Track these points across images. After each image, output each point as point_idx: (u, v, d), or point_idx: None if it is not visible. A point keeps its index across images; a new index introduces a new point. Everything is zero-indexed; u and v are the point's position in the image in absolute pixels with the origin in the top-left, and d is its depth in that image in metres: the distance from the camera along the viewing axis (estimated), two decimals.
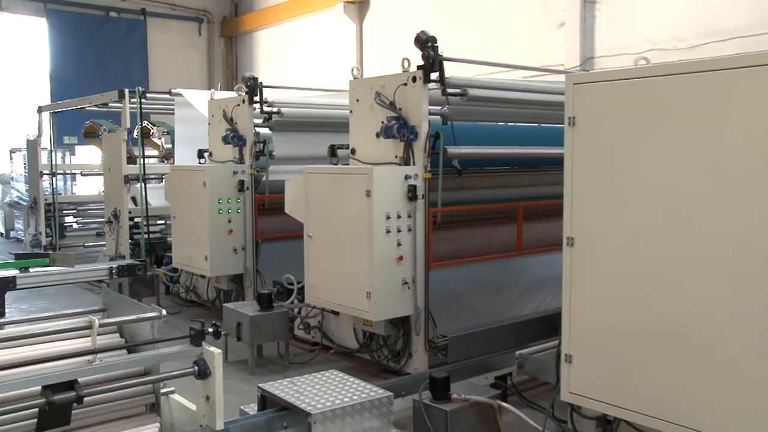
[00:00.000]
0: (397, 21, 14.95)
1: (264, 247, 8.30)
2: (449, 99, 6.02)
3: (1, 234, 17.60)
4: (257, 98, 8.06)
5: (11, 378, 3.39)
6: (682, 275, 3.53)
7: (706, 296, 3.44)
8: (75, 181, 16.75)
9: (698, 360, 3.48)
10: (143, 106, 10.34)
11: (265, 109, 8.08)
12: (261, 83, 8.09)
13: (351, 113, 6.46)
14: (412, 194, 5.85)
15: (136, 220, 10.20)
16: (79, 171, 15.23)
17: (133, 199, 10.30)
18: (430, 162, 5.95)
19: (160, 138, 11.81)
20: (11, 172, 16.91)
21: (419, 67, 5.89)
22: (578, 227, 3.99)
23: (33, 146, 13.22)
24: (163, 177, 9.77)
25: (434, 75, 5.89)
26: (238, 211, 8.12)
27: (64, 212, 13.43)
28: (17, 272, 6.10)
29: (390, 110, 6.01)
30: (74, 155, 17.52)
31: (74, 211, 13.76)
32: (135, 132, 10.47)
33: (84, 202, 13.91)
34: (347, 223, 5.94)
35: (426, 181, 5.95)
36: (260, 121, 8.26)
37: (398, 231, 5.82)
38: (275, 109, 8.09)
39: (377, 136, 6.06)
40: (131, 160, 10.18)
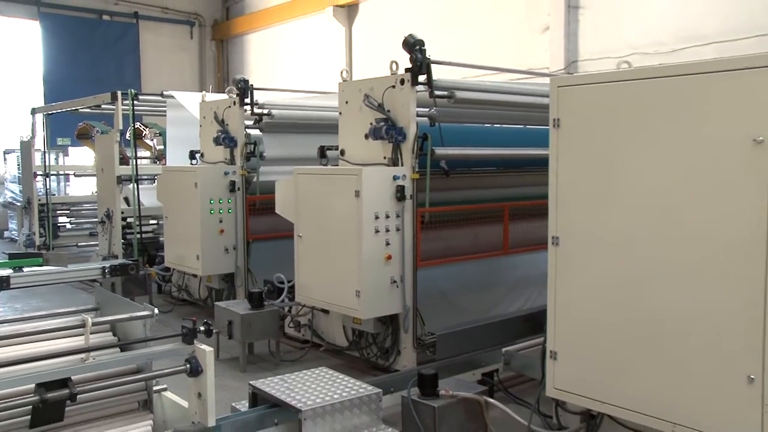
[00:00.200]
0: (386, 25, 14.94)
1: (255, 247, 8.28)
2: (437, 101, 6.02)
3: None
4: (248, 100, 8.05)
5: (5, 376, 3.36)
6: (664, 274, 3.54)
7: (688, 295, 3.46)
8: (68, 182, 16.67)
9: (679, 356, 3.50)
10: (135, 108, 10.31)
11: (256, 111, 8.07)
12: (252, 85, 8.08)
13: (340, 115, 6.45)
14: (401, 194, 5.85)
15: (129, 220, 10.16)
16: (73, 172, 15.16)
17: (126, 200, 10.25)
18: (418, 163, 5.95)
19: (153, 139, 11.78)
20: (5, 173, 16.81)
21: (407, 70, 5.89)
22: (563, 227, 4.00)
23: (27, 147, 13.13)
24: (156, 178, 9.73)
25: (422, 78, 5.89)
26: (230, 212, 8.10)
27: (58, 212, 13.34)
28: (11, 272, 6.05)
29: (378, 112, 6.00)
30: (67, 156, 17.44)
31: (67, 212, 13.68)
32: (127, 133, 10.44)
33: (77, 203, 13.84)
34: (337, 223, 5.93)
35: (414, 182, 5.95)
36: (251, 123, 8.24)
37: (387, 231, 5.82)
38: (266, 111, 8.07)
39: (366, 138, 6.06)
40: (124, 161, 10.14)
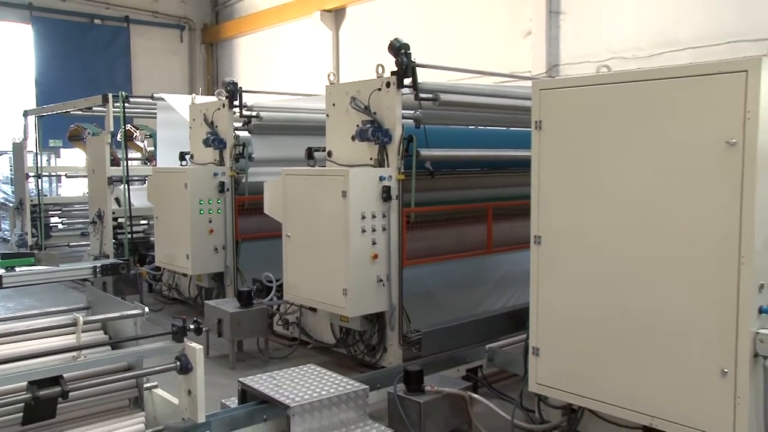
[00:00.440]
0: (372, 29, 14.94)
1: (244, 247, 8.26)
2: (422, 103, 6.02)
3: None
4: (237, 103, 8.03)
5: None
6: (642, 272, 3.57)
7: (664, 292, 3.48)
8: (60, 183, 16.56)
9: (655, 351, 3.52)
10: (126, 111, 10.25)
11: (245, 113, 8.05)
12: (241, 88, 8.05)
13: (327, 117, 6.44)
14: (387, 195, 5.85)
15: (120, 221, 10.09)
16: (64, 173, 15.03)
17: (117, 200, 10.19)
18: (404, 164, 5.95)
19: (143, 141, 11.71)
20: None
21: (393, 73, 5.88)
22: (545, 226, 4.01)
23: (19, 149, 13.05)
24: (146, 179, 9.68)
25: (407, 80, 5.89)
26: (219, 212, 8.07)
27: (50, 213, 13.25)
28: (3, 271, 6.02)
29: (365, 114, 6.00)
30: (59, 158, 17.33)
31: (59, 212, 13.59)
32: (118, 135, 10.37)
33: (69, 203, 13.75)
34: (324, 223, 5.92)
35: (400, 182, 5.95)
36: (240, 125, 8.22)
37: (373, 230, 5.81)
38: (254, 113, 8.06)
39: (353, 139, 6.05)
40: (115, 163, 10.09)
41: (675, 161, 3.42)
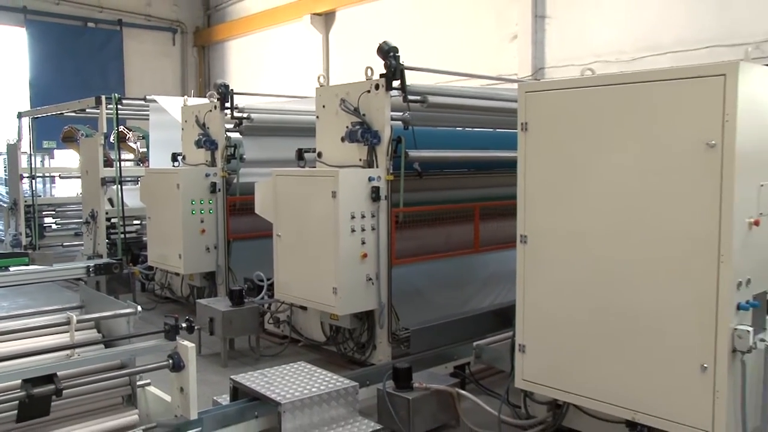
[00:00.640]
0: (361, 32, 14.93)
1: (235, 246, 8.24)
2: (410, 105, 6.03)
3: None
4: (228, 104, 8.01)
5: None
6: (626, 271, 3.59)
7: (646, 290, 3.51)
8: (54, 184, 16.43)
9: (638, 348, 3.54)
10: (119, 112, 10.21)
11: (236, 115, 8.02)
12: (232, 90, 8.03)
13: (317, 119, 6.43)
14: (376, 195, 5.85)
15: (113, 221, 10.03)
16: (58, 174, 14.91)
17: (110, 201, 10.13)
18: (393, 165, 5.95)
19: (136, 142, 11.64)
20: None
21: (382, 76, 5.89)
22: (531, 226, 4.03)
23: (13, 150, 12.97)
24: (139, 179, 9.65)
25: (396, 83, 5.89)
26: (211, 212, 8.05)
27: (44, 213, 13.15)
28: None
29: (354, 116, 6.00)
30: (53, 159, 17.17)
31: (53, 212, 13.47)
32: (111, 136, 10.31)
33: (62, 204, 13.65)
34: (314, 223, 5.91)
35: (388, 183, 5.95)
36: (231, 126, 8.19)
37: (362, 230, 5.81)
38: (245, 115, 8.04)
39: (342, 141, 6.05)
40: (108, 164, 10.02)
41: (656, 162, 3.44)
